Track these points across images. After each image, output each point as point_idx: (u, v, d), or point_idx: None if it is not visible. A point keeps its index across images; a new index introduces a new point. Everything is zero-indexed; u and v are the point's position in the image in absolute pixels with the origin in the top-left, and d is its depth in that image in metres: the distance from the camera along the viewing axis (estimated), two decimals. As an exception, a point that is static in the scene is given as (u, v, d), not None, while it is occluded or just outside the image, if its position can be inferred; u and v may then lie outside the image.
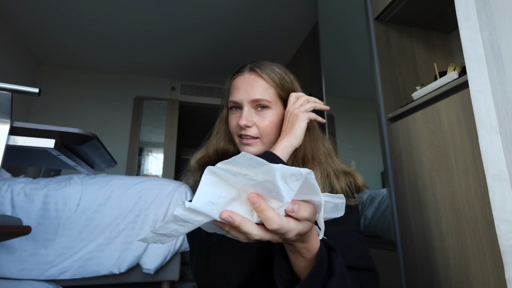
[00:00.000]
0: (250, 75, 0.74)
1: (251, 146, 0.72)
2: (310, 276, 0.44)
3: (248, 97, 0.72)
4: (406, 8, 1.35)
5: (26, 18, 2.95)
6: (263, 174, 0.34)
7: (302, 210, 0.38)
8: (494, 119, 0.65)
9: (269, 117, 0.72)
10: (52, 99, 3.74)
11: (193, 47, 3.49)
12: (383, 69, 1.37)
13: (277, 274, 0.48)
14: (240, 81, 0.74)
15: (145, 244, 1.54)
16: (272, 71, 0.74)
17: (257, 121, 0.72)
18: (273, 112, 0.73)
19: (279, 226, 0.36)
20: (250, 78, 0.74)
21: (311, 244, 0.44)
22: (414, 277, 1.10)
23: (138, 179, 1.71)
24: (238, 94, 0.73)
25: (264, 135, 0.71)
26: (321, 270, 0.45)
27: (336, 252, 0.48)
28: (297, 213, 0.37)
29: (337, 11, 1.86)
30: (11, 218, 1.01)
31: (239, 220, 0.36)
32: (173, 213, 0.34)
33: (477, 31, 0.69)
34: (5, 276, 1.35)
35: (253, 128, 0.71)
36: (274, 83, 0.73)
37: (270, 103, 0.72)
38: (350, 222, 0.66)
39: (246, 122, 0.70)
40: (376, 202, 1.39)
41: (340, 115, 1.85)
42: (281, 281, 0.48)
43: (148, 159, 3.90)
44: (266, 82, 0.73)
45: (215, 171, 0.34)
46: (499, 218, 0.64)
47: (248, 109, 0.72)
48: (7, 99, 0.58)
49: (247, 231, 0.36)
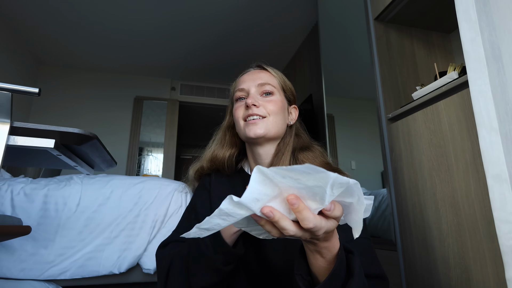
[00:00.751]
0: (255, 69, 0.82)
1: (258, 126, 0.72)
2: (332, 275, 0.45)
3: (254, 82, 0.77)
4: (406, 8, 1.35)
5: (26, 18, 2.95)
6: (316, 180, 0.37)
7: (336, 210, 0.40)
8: (494, 120, 0.65)
9: (274, 101, 0.76)
10: (52, 99, 3.74)
11: (193, 47, 3.49)
12: (383, 69, 1.37)
13: (298, 274, 0.49)
14: (247, 75, 0.81)
15: (145, 244, 1.54)
16: (275, 69, 0.83)
17: (263, 104, 0.75)
18: (278, 98, 0.77)
19: (314, 225, 0.39)
20: (255, 72, 0.81)
21: (332, 244, 0.45)
22: (414, 277, 1.10)
23: (138, 179, 1.71)
24: (244, 83, 0.78)
25: (271, 115, 0.74)
26: (341, 271, 0.46)
27: (355, 254, 0.49)
28: (332, 212, 0.40)
29: (337, 11, 1.86)
30: (11, 218, 1.01)
31: (278, 216, 0.39)
32: (220, 207, 0.37)
33: (477, 32, 0.69)
34: (5, 276, 1.35)
35: (260, 108, 0.74)
36: (277, 75, 0.81)
37: (275, 88, 0.78)
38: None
39: (254, 101, 0.73)
40: (376, 202, 1.39)
41: (340, 115, 1.85)
42: (302, 281, 0.48)
43: (148, 159, 3.90)
44: (271, 73, 0.81)
45: (264, 171, 0.37)
46: (499, 218, 0.64)
47: (254, 92, 0.76)
48: (7, 99, 0.58)
49: (284, 226, 0.39)
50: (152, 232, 1.55)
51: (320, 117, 2.39)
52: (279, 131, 0.76)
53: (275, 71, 0.82)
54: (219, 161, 0.81)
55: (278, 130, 0.76)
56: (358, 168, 1.60)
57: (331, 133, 1.82)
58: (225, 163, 0.80)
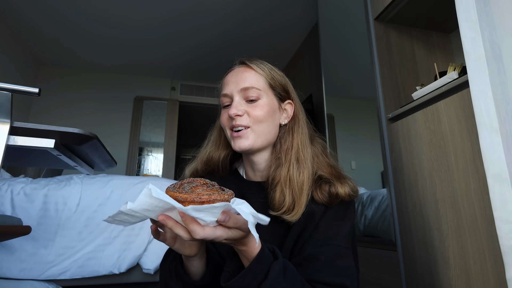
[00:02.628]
0: (240, 67, 0.74)
1: (243, 139, 0.68)
2: (244, 274, 0.50)
3: (237, 87, 0.70)
4: (406, 8, 1.35)
5: (26, 18, 2.95)
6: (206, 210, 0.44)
7: (231, 222, 0.44)
8: (495, 119, 0.65)
9: (260, 106, 0.70)
10: (52, 99, 3.74)
11: (193, 47, 3.49)
12: (383, 69, 1.37)
13: (226, 270, 0.55)
14: (230, 75, 0.74)
15: (145, 244, 1.54)
16: (262, 63, 0.75)
17: (249, 110, 0.69)
18: (264, 101, 0.70)
19: (204, 236, 0.44)
20: (239, 70, 0.73)
21: (249, 248, 0.51)
22: (414, 277, 1.10)
23: (138, 179, 1.71)
24: (227, 87, 0.72)
25: (255, 123, 0.68)
26: (256, 272, 0.51)
27: (278, 260, 0.52)
28: (226, 223, 0.44)
29: (337, 11, 1.86)
30: (11, 218, 1.01)
31: (171, 224, 0.45)
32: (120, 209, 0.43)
33: (478, 31, 0.69)
34: (5, 276, 1.35)
35: (244, 117, 0.68)
36: (264, 72, 0.73)
37: (260, 91, 0.70)
38: (337, 236, 0.63)
39: (236, 111, 0.68)
40: (376, 202, 1.39)
41: (340, 115, 1.85)
42: (226, 277, 0.54)
43: (148, 159, 3.90)
44: (256, 71, 0.72)
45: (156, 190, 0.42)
46: (500, 218, 0.64)
47: (238, 99, 0.70)
48: (7, 99, 0.58)
49: (178, 233, 0.45)
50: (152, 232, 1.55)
51: (320, 117, 2.39)
52: (269, 137, 0.71)
53: (260, 67, 0.74)
54: (214, 163, 0.78)
55: (267, 137, 0.71)
56: (358, 168, 1.60)
57: (331, 133, 1.82)
58: (220, 165, 0.78)
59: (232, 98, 0.71)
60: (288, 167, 0.68)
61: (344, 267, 0.60)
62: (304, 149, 0.71)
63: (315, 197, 0.66)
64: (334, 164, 0.74)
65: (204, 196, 0.45)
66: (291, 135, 0.73)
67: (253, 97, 0.70)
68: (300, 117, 0.76)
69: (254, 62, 0.74)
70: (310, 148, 0.72)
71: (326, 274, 0.58)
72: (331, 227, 0.64)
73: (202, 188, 0.48)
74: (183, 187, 0.48)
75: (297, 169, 0.67)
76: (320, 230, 0.64)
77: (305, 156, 0.70)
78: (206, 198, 0.45)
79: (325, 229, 0.64)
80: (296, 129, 0.74)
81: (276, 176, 0.67)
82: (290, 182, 0.65)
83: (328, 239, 0.63)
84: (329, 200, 0.66)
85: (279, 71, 0.77)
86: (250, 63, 0.74)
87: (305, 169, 0.67)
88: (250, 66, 0.73)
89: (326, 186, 0.67)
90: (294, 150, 0.70)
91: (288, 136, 0.73)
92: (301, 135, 0.73)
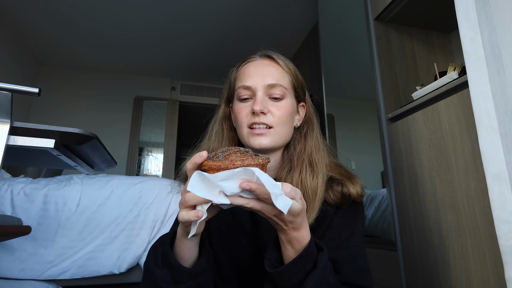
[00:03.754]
0: (264, 60, 0.68)
1: (265, 137, 0.63)
2: (295, 261, 0.48)
3: (263, 81, 0.65)
4: (406, 8, 1.35)
5: (27, 18, 2.95)
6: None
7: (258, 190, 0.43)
8: (494, 119, 0.65)
9: (284, 106, 0.65)
10: (52, 99, 3.74)
11: (193, 47, 3.49)
12: (383, 69, 1.37)
13: (267, 258, 0.52)
14: (253, 66, 0.67)
15: (145, 244, 1.54)
16: (286, 60, 0.70)
17: (272, 110, 0.64)
18: (288, 102, 0.66)
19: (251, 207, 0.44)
20: (264, 63, 0.67)
21: (301, 235, 0.49)
22: (414, 277, 1.10)
23: (138, 179, 1.71)
24: (251, 79, 0.65)
25: (278, 125, 0.64)
26: (306, 261, 0.49)
27: (324, 252, 0.51)
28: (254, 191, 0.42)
29: (337, 11, 1.86)
30: (11, 218, 1.01)
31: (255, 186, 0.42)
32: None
33: (477, 31, 0.69)
34: (5, 276, 1.35)
35: (268, 116, 0.63)
36: (290, 70, 0.68)
37: (286, 90, 0.66)
38: (352, 237, 0.63)
39: (262, 108, 0.62)
40: (376, 202, 1.39)
41: (340, 115, 1.85)
42: (269, 265, 0.52)
43: (148, 159, 3.90)
44: (282, 68, 0.68)
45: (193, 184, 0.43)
46: (499, 218, 0.64)
47: (262, 95, 0.64)
48: (7, 99, 0.58)
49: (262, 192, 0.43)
50: (152, 232, 1.55)
51: (320, 117, 2.39)
52: (286, 139, 0.67)
53: (287, 65, 0.68)
54: None
55: (285, 139, 0.67)
56: (358, 168, 1.60)
57: (331, 133, 1.82)
58: None
59: (254, 93, 0.65)
60: (300, 170, 0.65)
61: (364, 267, 0.61)
62: (317, 153, 0.67)
63: (327, 198, 0.64)
64: (341, 164, 0.73)
65: (237, 162, 0.44)
66: (304, 138, 0.70)
67: (278, 95, 0.65)
68: (313, 120, 0.73)
69: (280, 57, 0.69)
70: (323, 152, 0.69)
71: (347, 274, 0.58)
72: (344, 228, 0.64)
73: (236, 155, 0.47)
74: (217, 156, 0.47)
75: (310, 173, 0.64)
76: (334, 230, 0.63)
77: (319, 160, 0.66)
78: (240, 163, 0.43)
79: (339, 230, 0.63)
80: (310, 133, 0.71)
81: (288, 179, 0.65)
82: (302, 186, 0.63)
83: (343, 241, 0.62)
84: (342, 201, 0.64)
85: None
86: (277, 58, 0.68)
87: (319, 173, 0.64)
88: (276, 61, 0.68)
89: (338, 187, 0.65)
90: (307, 154, 0.67)
91: (301, 138, 0.70)
92: (314, 138, 0.70)
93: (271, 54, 0.69)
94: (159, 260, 0.55)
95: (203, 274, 0.55)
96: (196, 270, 0.54)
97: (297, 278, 0.49)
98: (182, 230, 0.52)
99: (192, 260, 0.55)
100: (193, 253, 0.55)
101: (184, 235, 0.52)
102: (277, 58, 0.68)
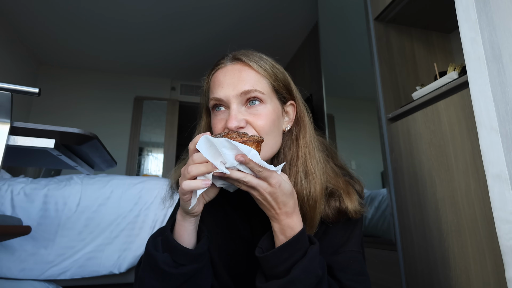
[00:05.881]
0: (234, 65, 0.59)
1: None
2: (284, 246, 0.49)
3: (235, 90, 0.56)
4: (406, 8, 1.35)
5: (26, 18, 2.95)
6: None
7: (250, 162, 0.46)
8: (494, 119, 0.65)
9: (264, 114, 0.57)
10: (52, 99, 3.74)
11: (193, 47, 3.49)
12: (383, 69, 1.37)
13: (259, 247, 0.53)
14: (223, 74, 0.58)
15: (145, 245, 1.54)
16: (261, 59, 0.60)
17: (251, 119, 0.56)
18: (269, 109, 0.57)
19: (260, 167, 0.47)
20: (234, 69, 0.58)
21: (293, 222, 0.51)
22: (414, 277, 1.10)
23: (138, 179, 1.71)
24: (221, 90, 0.57)
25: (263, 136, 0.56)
26: (295, 249, 0.49)
27: (315, 245, 0.52)
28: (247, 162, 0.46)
29: (337, 11, 1.86)
30: (11, 218, 1.01)
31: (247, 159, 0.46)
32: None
33: (477, 32, 0.69)
34: (5, 276, 1.35)
35: (248, 128, 0.56)
36: (266, 72, 0.59)
37: (264, 95, 0.57)
38: (350, 242, 0.61)
39: (238, 123, 0.54)
40: (376, 202, 1.39)
41: (340, 115, 1.85)
42: (260, 252, 0.52)
43: (148, 159, 3.90)
44: (256, 71, 0.58)
45: (208, 140, 0.47)
46: (500, 218, 0.64)
47: (236, 106, 0.56)
48: (7, 99, 0.58)
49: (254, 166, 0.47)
50: (152, 232, 1.55)
51: (320, 117, 2.39)
52: (274, 149, 0.59)
53: (261, 66, 0.59)
54: None
55: (272, 149, 0.59)
56: (358, 168, 1.60)
57: (331, 133, 1.82)
58: None
59: (228, 105, 0.57)
60: (295, 180, 0.58)
61: (359, 272, 0.59)
62: (312, 160, 0.60)
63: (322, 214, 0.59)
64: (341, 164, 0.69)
65: (236, 138, 0.48)
66: (295, 143, 0.62)
67: (255, 102, 0.57)
68: (304, 119, 0.64)
69: (253, 58, 0.59)
70: (319, 156, 0.62)
71: (343, 278, 0.57)
72: (341, 234, 0.62)
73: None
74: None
75: (306, 183, 0.58)
76: (330, 237, 0.61)
77: (314, 166, 0.59)
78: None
79: (336, 236, 0.61)
80: (302, 135, 0.62)
81: None
82: (299, 198, 0.56)
83: (340, 246, 0.60)
84: (338, 217, 0.59)
85: (280, 66, 0.64)
86: (248, 61, 0.59)
87: (316, 182, 0.58)
88: (248, 64, 0.58)
89: (335, 202, 0.59)
90: (300, 161, 0.59)
91: (292, 144, 0.62)
92: (308, 142, 0.62)
93: (240, 57, 0.60)
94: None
95: (202, 257, 0.56)
96: (196, 251, 0.54)
97: (285, 266, 0.49)
98: (182, 211, 0.53)
99: (191, 245, 0.56)
100: (191, 238, 0.56)
101: (184, 216, 0.53)
102: (248, 61, 0.59)
